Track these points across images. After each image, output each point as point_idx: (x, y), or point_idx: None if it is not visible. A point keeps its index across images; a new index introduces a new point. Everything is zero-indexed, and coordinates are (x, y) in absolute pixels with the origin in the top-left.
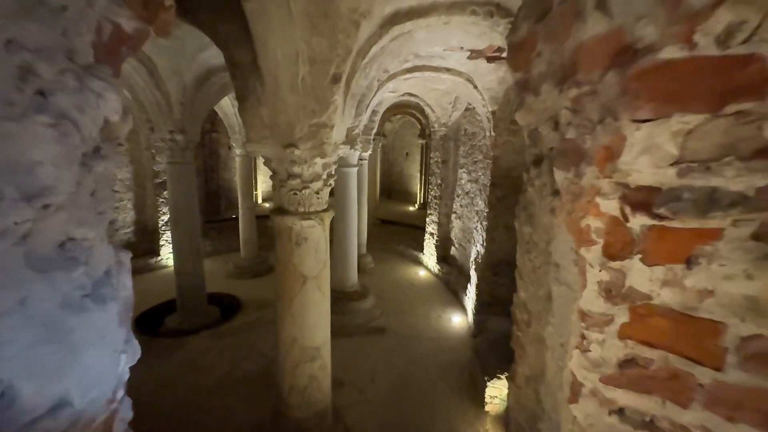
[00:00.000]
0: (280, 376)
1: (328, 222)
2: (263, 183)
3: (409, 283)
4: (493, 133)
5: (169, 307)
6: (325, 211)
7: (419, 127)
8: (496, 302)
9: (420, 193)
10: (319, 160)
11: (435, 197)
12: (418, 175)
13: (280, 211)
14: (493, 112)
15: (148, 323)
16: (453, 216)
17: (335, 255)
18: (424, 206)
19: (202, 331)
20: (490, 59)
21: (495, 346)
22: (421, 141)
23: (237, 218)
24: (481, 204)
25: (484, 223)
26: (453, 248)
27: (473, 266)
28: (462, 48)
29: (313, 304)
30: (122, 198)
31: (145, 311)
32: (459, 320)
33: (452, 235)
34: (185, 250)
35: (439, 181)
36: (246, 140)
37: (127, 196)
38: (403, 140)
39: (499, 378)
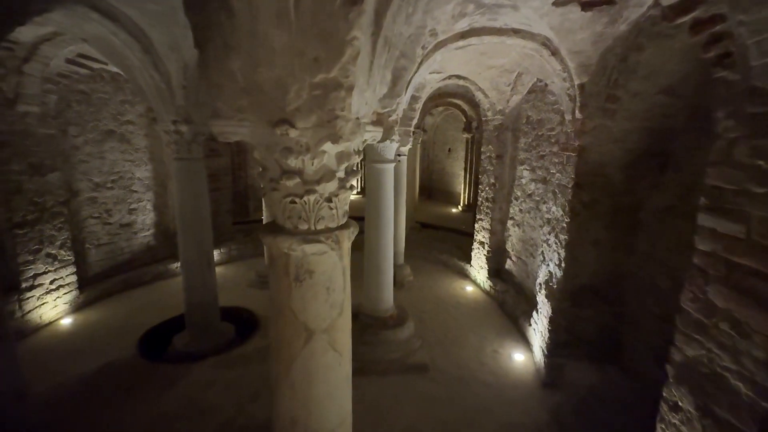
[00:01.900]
0: None
1: (347, 245)
2: None
3: (454, 302)
4: (579, 115)
5: (180, 322)
6: (341, 228)
7: (464, 120)
8: (578, 342)
9: (464, 193)
10: (329, 147)
11: (486, 199)
12: (462, 173)
13: (271, 228)
14: (582, 86)
15: (155, 342)
16: (509, 223)
17: (366, 270)
18: (469, 208)
19: (209, 358)
20: (586, 5)
21: (583, 410)
22: (465, 135)
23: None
24: (554, 210)
25: (562, 236)
26: (509, 261)
27: (542, 290)
28: None
29: (324, 369)
30: (141, 199)
31: (155, 326)
32: (522, 359)
33: (508, 246)
34: (194, 261)
35: (492, 180)
36: (211, 115)
37: (146, 197)
38: (446, 135)
39: None
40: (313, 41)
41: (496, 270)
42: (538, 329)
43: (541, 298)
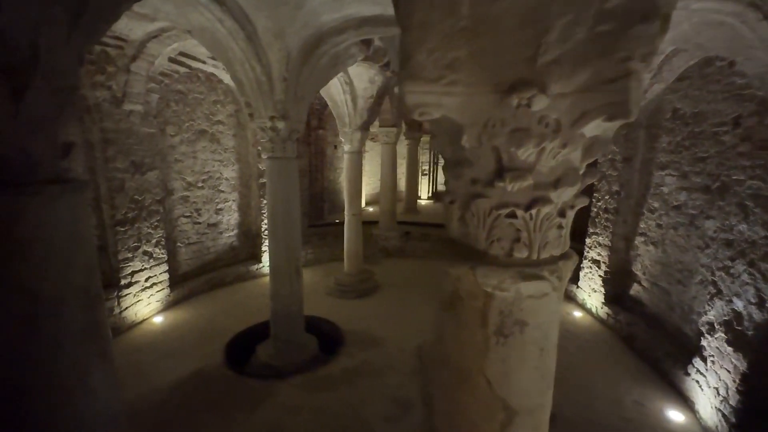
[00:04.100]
0: None
1: (566, 281)
2: (367, 185)
3: (563, 330)
4: None
5: (262, 328)
6: (564, 257)
7: None
8: None
9: None
10: (593, 128)
11: (605, 210)
12: None
13: (463, 252)
14: None
15: (240, 350)
16: (639, 240)
17: None
18: None
19: (295, 376)
20: None
21: None
22: None
23: (339, 223)
24: (744, 230)
25: (766, 266)
26: (637, 287)
27: (717, 333)
28: None
29: None
30: (227, 199)
31: (240, 333)
32: (682, 421)
33: (636, 268)
34: (282, 268)
35: (615, 188)
36: (406, 76)
37: (232, 197)
38: None
39: None
40: None
41: (615, 295)
42: (710, 384)
43: (714, 342)
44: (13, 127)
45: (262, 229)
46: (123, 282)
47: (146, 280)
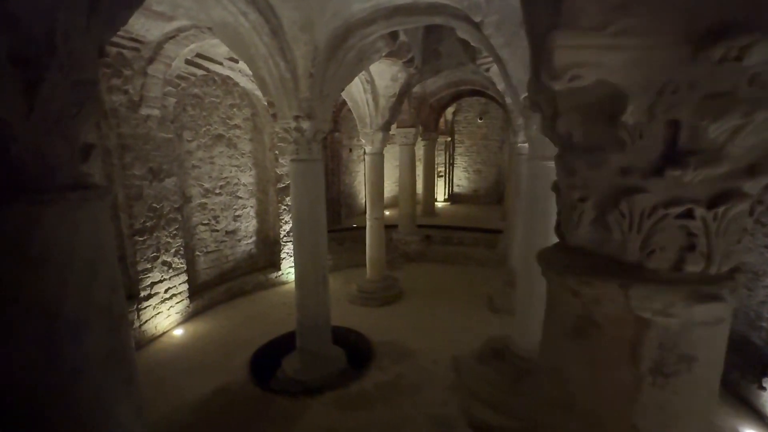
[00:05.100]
0: None
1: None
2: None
3: None
4: None
5: (287, 341)
6: (739, 270)
7: None
8: None
9: None
10: None
11: None
12: None
13: (597, 263)
14: None
15: (265, 363)
16: None
17: (521, 295)
18: None
19: (325, 393)
20: None
21: None
22: None
23: (357, 228)
24: None
25: None
26: None
27: None
28: None
29: None
30: (245, 205)
31: (263, 346)
32: None
33: None
34: (308, 277)
35: None
36: (554, 27)
37: (249, 203)
38: None
39: None
40: None
41: None
42: None
43: None
44: (27, 125)
45: (281, 236)
46: (142, 294)
47: (166, 291)
